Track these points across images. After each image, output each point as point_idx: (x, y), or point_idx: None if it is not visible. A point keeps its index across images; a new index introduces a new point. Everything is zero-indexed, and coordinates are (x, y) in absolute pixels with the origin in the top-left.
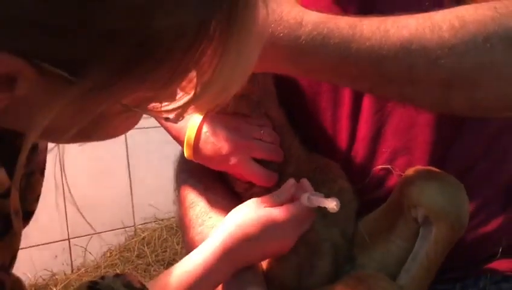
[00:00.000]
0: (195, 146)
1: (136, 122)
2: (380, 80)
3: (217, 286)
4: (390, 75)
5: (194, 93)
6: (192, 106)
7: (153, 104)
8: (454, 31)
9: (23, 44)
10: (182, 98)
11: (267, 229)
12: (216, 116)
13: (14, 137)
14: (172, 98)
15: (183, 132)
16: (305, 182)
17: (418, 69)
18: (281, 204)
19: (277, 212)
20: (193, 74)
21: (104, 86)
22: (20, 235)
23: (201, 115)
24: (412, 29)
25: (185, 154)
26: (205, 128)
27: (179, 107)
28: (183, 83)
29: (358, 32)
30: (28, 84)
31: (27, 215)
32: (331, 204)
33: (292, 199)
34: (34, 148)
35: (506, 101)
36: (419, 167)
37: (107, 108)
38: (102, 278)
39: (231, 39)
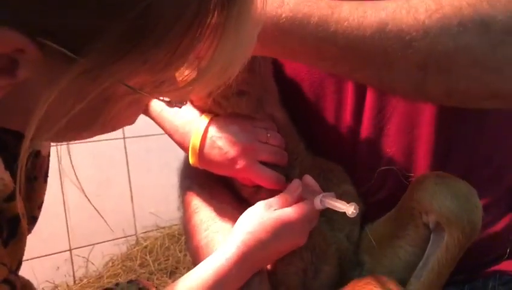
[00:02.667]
0: (201, 152)
1: (139, 112)
2: (358, 63)
3: None
4: (368, 57)
5: (196, 74)
6: (194, 88)
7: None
8: (430, 13)
9: (26, 20)
10: (184, 80)
11: (280, 233)
12: (221, 120)
13: (16, 144)
14: (173, 83)
15: (187, 138)
16: (309, 179)
17: (393, 51)
18: (289, 205)
19: (288, 215)
20: (194, 55)
21: (105, 64)
22: (25, 239)
23: (207, 118)
24: (389, 11)
25: (190, 161)
26: (210, 134)
27: (181, 88)
28: (185, 64)
29: (337, 12)
30: (29, 66)
31: (31, 221)
32: (350, 209)
33: (299, 199)
34: (37, 153)
35: (482, 88)
36: (430, 173)
37: (108, 89)
38: (117, 284)
39: (231, 16)
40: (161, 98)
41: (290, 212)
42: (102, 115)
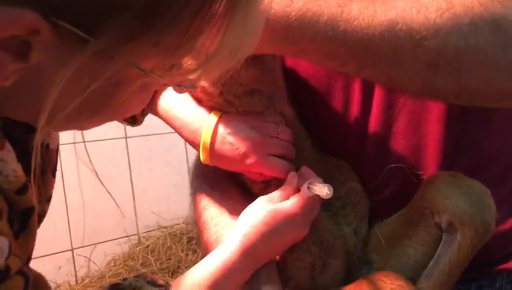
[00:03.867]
0: (211, 148)
1: (148, 98)
2: (367, 61)
3: (240, 286)
4: (377, 56)
5: (206, 57)
6: (204, 72)
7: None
8: (441, 12)
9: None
10: (193, 65)
11: (280, 224)
12: (230, 116)
13: (25, 138)
14: (183, 67)
15: (198, 135)
16: (305, 170)
17: (403, 50)
18: (287, 197)
19: (286, 206)
20: (203, 38)
21: (117, 45)
22: (35, 232)
23: (216, 115)
24: (400, 9)
25: (201, 158)
26: (221, 130)
27: (191, 71)
28: (195, 47)
29: (346, 10)
30: (42, 47)
31: (41, 215)
32: (323, 191)
33: (297, 190)
34: (47, 146)
35: (492, 88)
36: (442, 172)
37: (120, 72)
38: (125, 279)
39: (240, 0)
40: (171, 83)
41: (288, 204)
42: (114, 99)
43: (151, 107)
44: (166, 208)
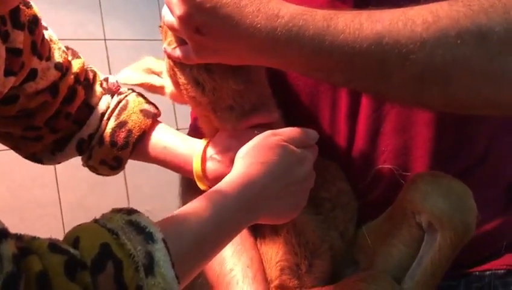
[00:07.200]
0: (204, 174)
1: None
2: (354, 74)
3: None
4: (364, 69)
5: None
6: None
7: None
8: (427, 25)
9: None
10: None
11: (276, 149)
12: (217, 138)
13: None
14: None
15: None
16: None
17: (390, 63)
18: None
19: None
20: None
21: None
22: None
23: (204, 141)
24: (386, 23)
25: (200, 187)
26: (209, 154)
27: None
28: None
29: (332, 25)
30: None
31: None
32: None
33: None
34: None
35: (480, 99)
36: (424, 172)
37: None
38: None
39: None
40: None
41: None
42: None
43: (138, 152)
44: (160, 206)
